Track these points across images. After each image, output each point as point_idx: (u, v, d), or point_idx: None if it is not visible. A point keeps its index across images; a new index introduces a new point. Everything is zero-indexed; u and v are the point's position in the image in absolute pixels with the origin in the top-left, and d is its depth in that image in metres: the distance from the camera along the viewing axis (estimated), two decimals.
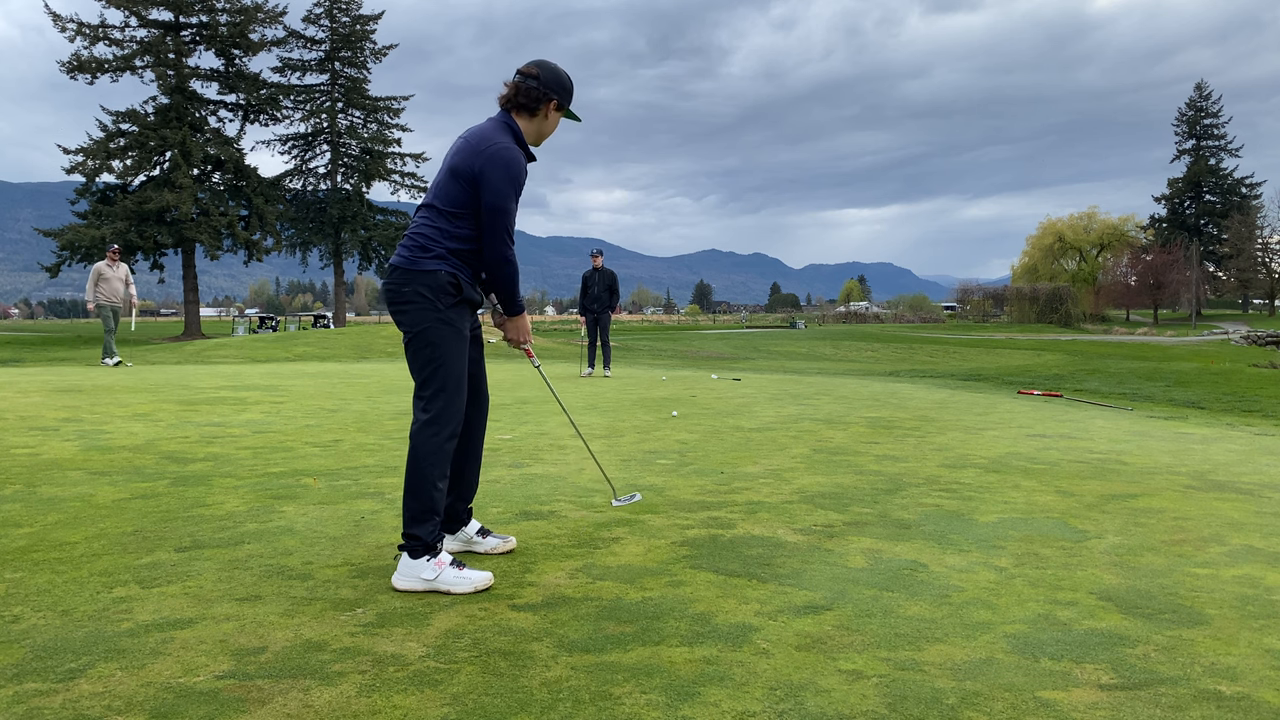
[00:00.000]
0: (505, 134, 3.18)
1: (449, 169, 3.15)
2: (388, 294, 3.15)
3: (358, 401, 8.91)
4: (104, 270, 14.41)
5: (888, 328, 54.28)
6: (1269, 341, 40.45)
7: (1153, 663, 2.43)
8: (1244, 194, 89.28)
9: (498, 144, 3.13)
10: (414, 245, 3.13)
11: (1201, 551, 3.57)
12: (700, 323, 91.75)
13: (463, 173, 3.11)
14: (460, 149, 3.16)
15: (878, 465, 5.46)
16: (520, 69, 3.28)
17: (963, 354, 27.72)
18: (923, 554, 3.47)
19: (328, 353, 19.89)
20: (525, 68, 3.27)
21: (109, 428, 6.67)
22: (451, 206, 3.12)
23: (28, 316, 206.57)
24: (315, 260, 50.08)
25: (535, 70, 3.26)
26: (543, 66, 3.28)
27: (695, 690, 2.22)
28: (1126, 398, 11.09)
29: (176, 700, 2.14)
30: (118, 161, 37.53)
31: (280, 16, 41.04)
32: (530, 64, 3.28)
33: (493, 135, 3.16)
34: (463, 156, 3.13)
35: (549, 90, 3.25)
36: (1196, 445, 6.69)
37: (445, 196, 3.13)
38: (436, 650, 2.47)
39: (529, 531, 3.76)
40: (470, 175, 3.10)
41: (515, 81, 3.25)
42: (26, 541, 3.53)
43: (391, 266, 3.17)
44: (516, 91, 3.23)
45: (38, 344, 30.83)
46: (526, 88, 3.23)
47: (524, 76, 3.24)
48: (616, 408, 8.61)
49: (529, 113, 3.25)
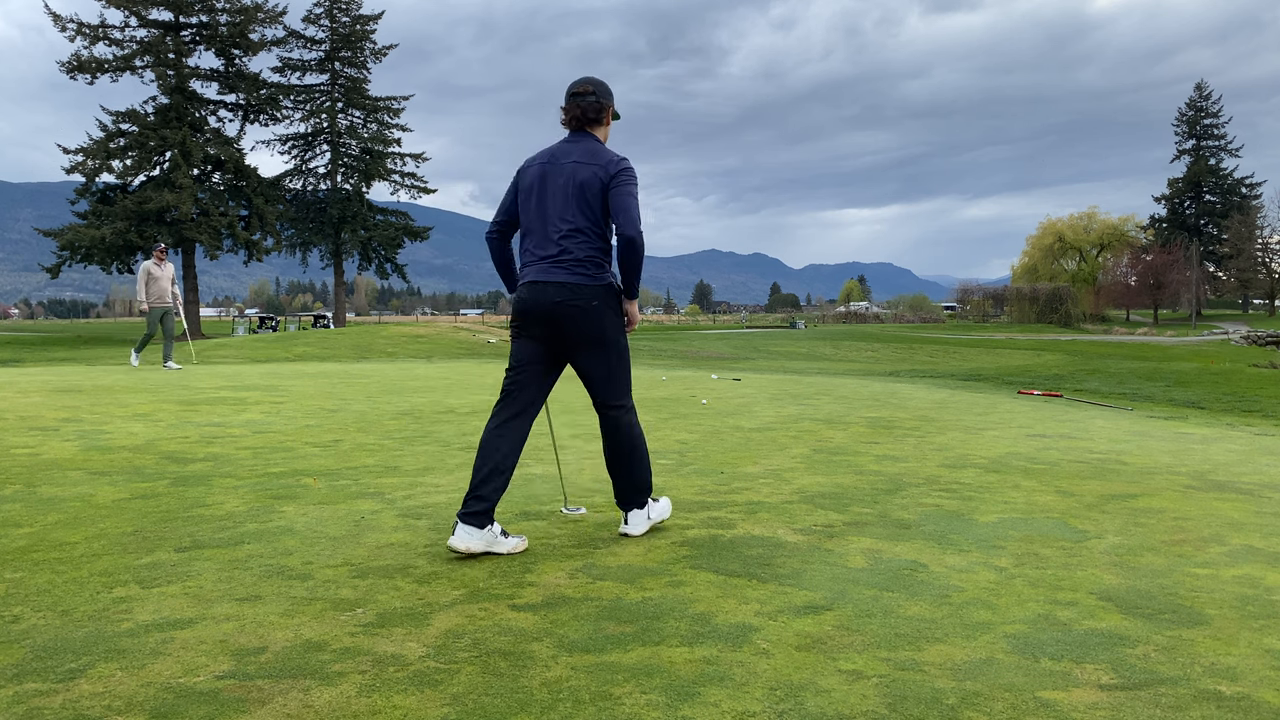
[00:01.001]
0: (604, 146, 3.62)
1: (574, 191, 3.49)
2: (564, 307, 3.45)
3: (358, 402, 8.91)
4: (152, 270, 13.88)
5: (888, 328, 54.28)
6: (1269, 341, 40.46)
7: (1153, 663, 2.43)
8: (1244, 194, 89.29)
9: (613, 156, 3.55)
10: (582, 261, 3.48)
11: (1201, 551, 3.57)
12: (700, 323, 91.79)
13: (594, 188, 3.48)
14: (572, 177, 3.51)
15: (878, 465, 5.46)
16: (573, 91, 3.62)
17: (963, 354, 27.73)
18: (923, 554, 3.47)
19: (328, 353, 19.89)
20: (579, 87, 3.62)
21: (109, 428, 6.67)
22: (591, 220, 3.50)
23: (28, 316, 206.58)
24: (315, 260, 50.10)
25: (590, 88, 3.61)
26: (592, 82, 3.64)
27: (695, 690, 2.22)
28: (1126, 398, 11.09)
29: (176, 700, 2.14)
30: (118, 161, 37.55)
31: (280, 16, 41.07)
32: (580, 83, 3.63)
33: (601, 150, 3.57)
34: (587, 174, 3.49)
35: (606, 100, 3.64)
36: (1196, 445, 6.70)
37: (585, 214, 3.49)
38: (436, 650, 2.47)
39: (529, 531, 3.76)
40: (601, 188, 3.49)
41: (577, 104, 3.60)
42: (26, 541, 3.53)
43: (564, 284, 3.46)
44: (583, 111, 3.60)
45: (38, 344, 30.84)
46: (590, 104, 3.60)
47: (582, 95, 3.60)
48: None
49: (597, 124, 3.64)
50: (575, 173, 3.50)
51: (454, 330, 27.22)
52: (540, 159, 3.61)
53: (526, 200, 3.60)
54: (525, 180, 3.61)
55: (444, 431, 6.76)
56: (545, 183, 3.55)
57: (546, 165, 3.57)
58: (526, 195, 3.60)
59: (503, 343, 24.51)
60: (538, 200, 3.55)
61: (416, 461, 5.43)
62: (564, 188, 3.50)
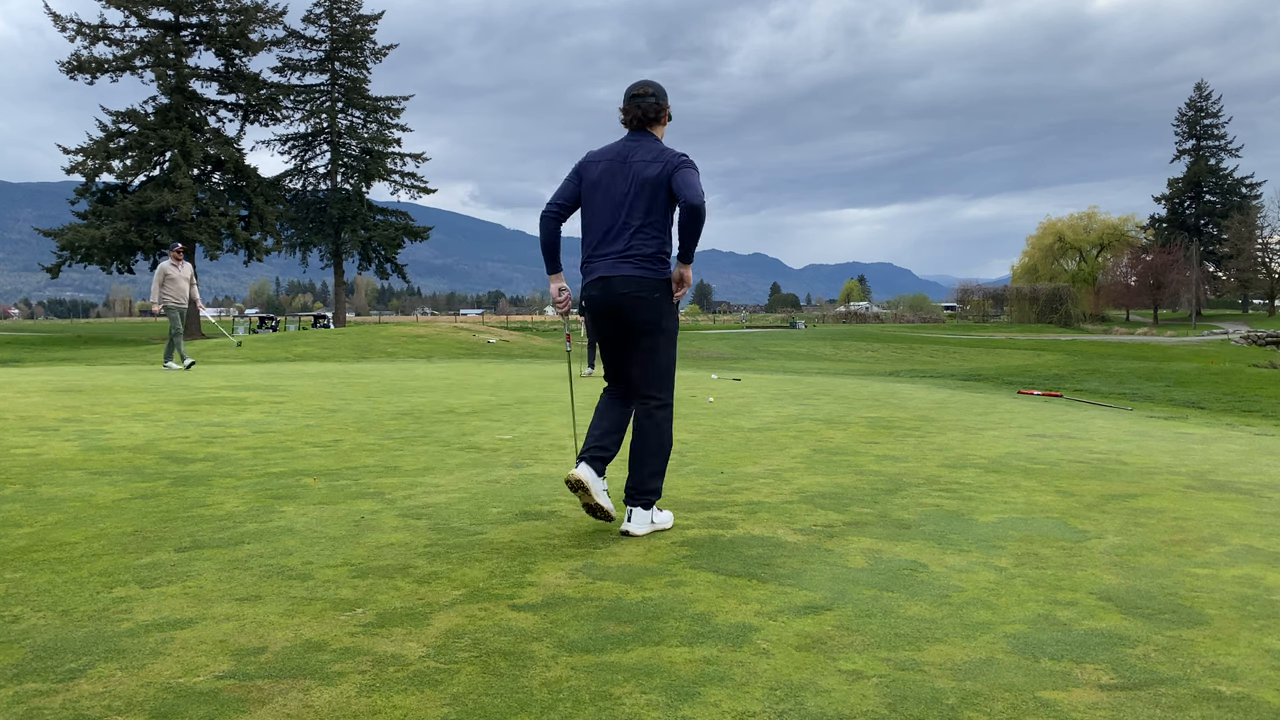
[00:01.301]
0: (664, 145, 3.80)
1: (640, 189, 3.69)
2: (628, 299, 3.69)
3: (358, 401, 8.91)
4: (169, 270, 13.59)
5: (888, 328, 54.28)
6: (1269, 341, 40.45)
7: (1153, 663, 2.43)
8: (1244, 194, 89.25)
9: (675, 151, 3.74)
10: (648, 257, 3.70)
11: (1201, 551, 3.57)
12: (700, 323, 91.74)
13: (660, 183, 3.68)
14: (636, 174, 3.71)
15: (878, 465, 5.46)
16: (632, 93, 3.81)
17: (963, 354, 27.73)
18: (923, 554, 3.47)
19: (328, 353, 19.90)
20: (638, 90, 3.81)
21: (109, 428, 6.67)
22: (657, 216, 3.72)
23: (28, 316, 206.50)
24: (315, 260, 50.10)
25: (649, 90, 3.81)
26: (651, 85, 3.83)
27: (695, 690, 2.22)
28: (1126, 398, 11.09)
29: (176, 700, 2.14)
30: (118, 161, 37.57)
31: (280, 16, 41.08)
32: (639, 85, 3.82)
33: (664, 148, 3.76)
34: (655, 171, 3.68)
35: (663, 101, 3.84)
36: (1196, 445, 6.70)
37: (652, 211, 3.70)
38: (436, 650, 2.47)
39: (529, 531, 3.76)
40: (663, 182, 3.68)
41: (637, 105, 3.79)
42: (26, 541, 3.53)
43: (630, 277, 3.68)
44: (644, 112, 3.79)
45: (38, 344, 30.86)
46: (650, 105, 3.80)
47: (642, 97, 3.79)
48: None
49: (656, 124, 3.83)
50: (641, 170, 3.71)
51: (454, 330, 27.22)
52: (606, 155, 3.81)
53: (592, 194, 3.79)
54: (591, 175, 3.80)
55: (444, 431, 6.76)
56: (613, 179, 3.75)
57: (613, 162, 3.77)
58: (592, 190, 3.79)
59: (502, 342, 24.51)
60: (604, 195, 3.76)
61: (416, 461, 5.43)
62: (631, 185, 3.71)
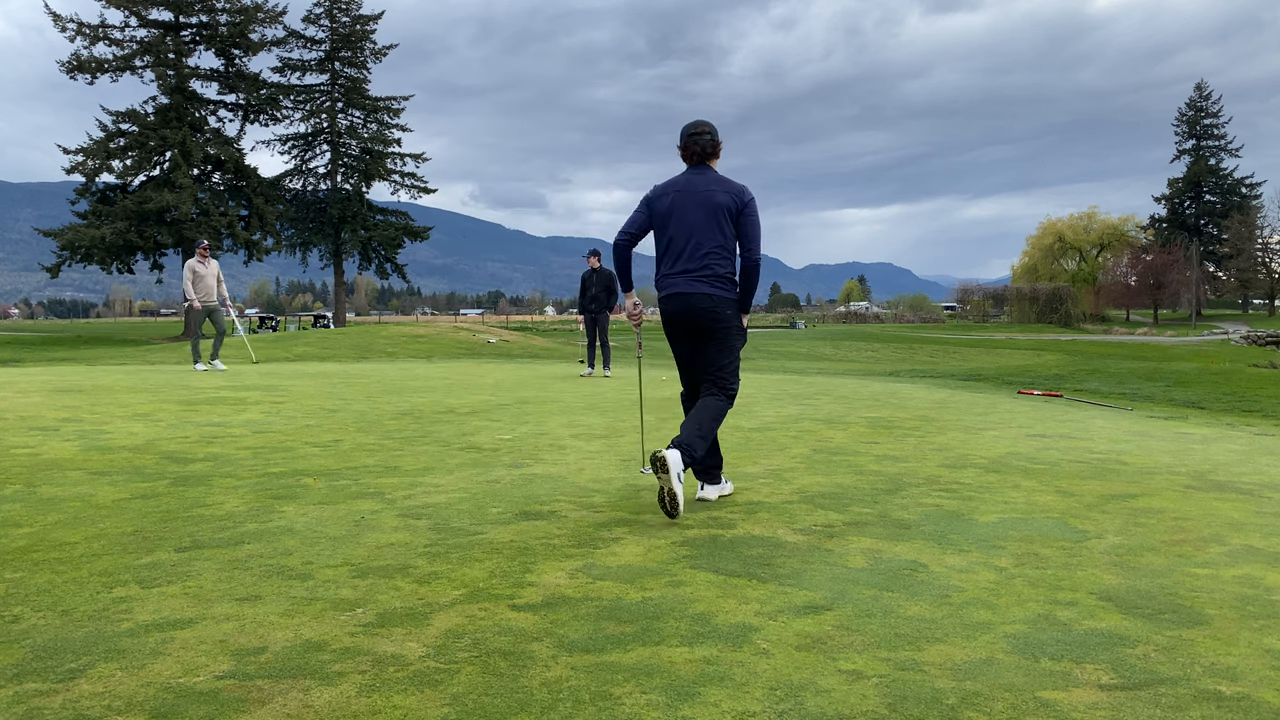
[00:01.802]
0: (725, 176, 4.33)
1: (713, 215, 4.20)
2: (705, 312, 4.23)
3: (358, 402, 8.91)
4: (197, 268, 13.32)
5: (888, 328, 54.28)
6: (1269, 341, 40.45)
7: (1153, 663, 2.43)
8: (1244, 194, 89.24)
9: (739, 185, 4.28)
10: (721, 277, 4.24)
11: (1201, 551, 3.57)
12: None
13: (730, 214, 4.23)
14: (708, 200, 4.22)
15: (878, 465, 5.46)
16: (691, 133, 4.32)
17: (963, 354, 27.73)
18: (923, 554, 3.47)
19: (328, 353, 19.89)
20: (695, 129, 4.32)
21: (109, 428, 6.67)
22: (727, 243, 4.25)
23: (28, 316, 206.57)
24: (315, 260, 50.09)
25: (706, 129, 4.33)
26: (706, 124, 4.36)
27: (695, 690, 2.22)
28: (1126, 398, 11.09)
29: (176, 700, 2.14)
30: (118, 161, 37.56)
31: (280, 16, 41.07)
32: (696, 125, 4.33)
33: (727, 179, 4.30)
34: (725, 199, 4.22)
35: (718, 138, 4.37)
36: (1196, 445, 6.70)
37: (720, 235, 4.23)
38: (436, 650, 2.47)
39: (529, 531, 3.76)
40: (734, 212, 4.23)
41: (696, 142, 4.30)
42: (26, 541, 3.53)
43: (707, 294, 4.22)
44: (702, 148, 4.32)
45: (38, 344, 30.86)
46: (707, 142, 4.32)
47: (700, 135, 4.31)
48: (616, 408, 8.61)
49: (713, 157, 4.38)
50: (711, 198, 4.22)
51: (454, 330, 27.22)
52: (673, 187, 4.32)
53: (665, 221, 4.29)
54: (662, 205, 4.30)
55: (444, 431, 6.76)
56: (685, 208, 4.24)
57: (681, 194, 4.27)
58: (665, 217, 4.29)
59: (502, 342, 24.51)
60: (678, 222, 4.25)
61: (416, 461, 5.43)
62: (703, 212, 4.21)
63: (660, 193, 4.34)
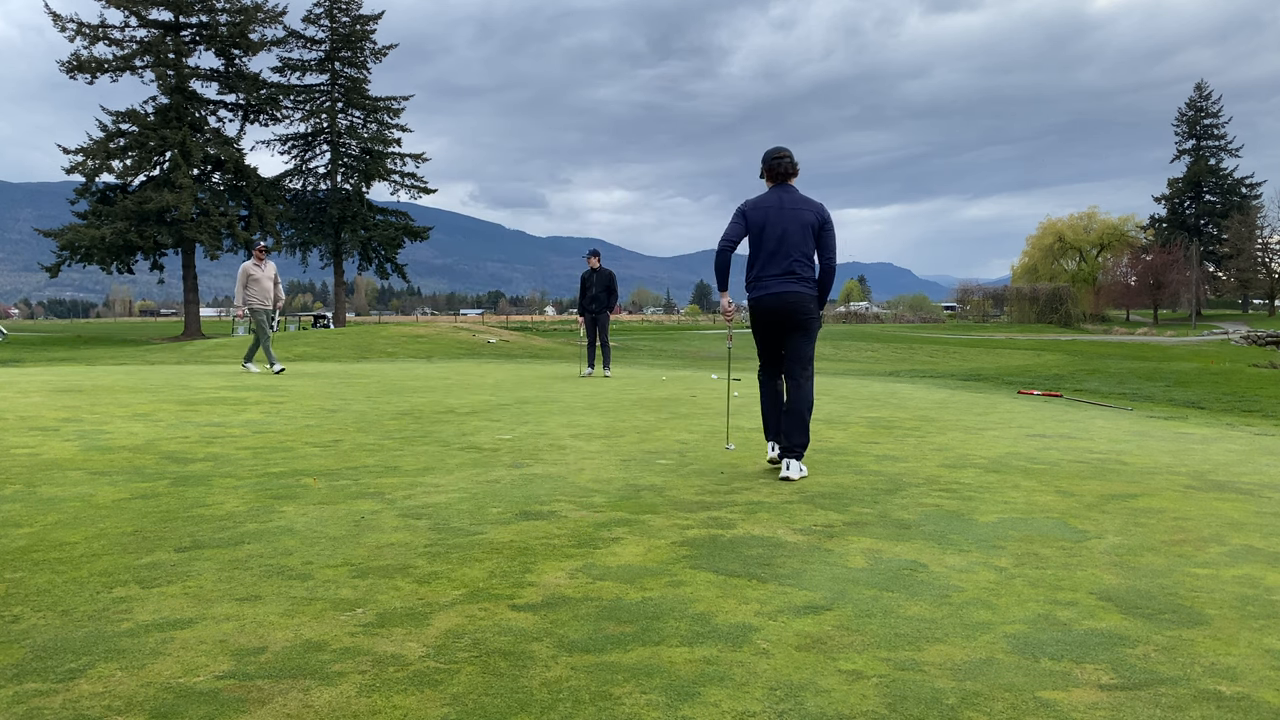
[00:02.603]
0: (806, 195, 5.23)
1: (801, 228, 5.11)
2: (796, 307, 5.11)
3: (358, 402, 8.91)
4: (252, 270, 12.87)
5: (888, 328, 54.27)
6: (1269, 341, 40.44)
7: (1153, 663, 2.43)
8: (1244, 194, 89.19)
9: (820, 204, 5.20)
10: (805, 279, 5.14)
11: (1201, 551, 3.57)
12: (700, 323, 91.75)
13: (814, 226, 5.14)
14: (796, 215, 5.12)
15: (878, 465, 5.46)
16: (773, 157, 5.19)
17: (963, 354, 27.71)
18: (923, 554, 3.47)
19: (328, 353, 19.89)
20: (777, 154, 5.19)
21: (109, 428, 6.67)
22: (810, 251, 5.16)
23: (28, 316, 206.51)
24: (315, 260, 50.08)
25: (785, 153, 5.21)
26: (785, 149, 5.24)
27: (695, 690, 2.22)
28: (1126, 398, 11.09)
29: (176, 700, 2.14)
30: (118, 161, 37.55)
31: (280, 16, 41.06)
32: (777, 150, 5.21)
33: (813, 200, 5.19)
34: (810, 216, 5.13)
35: (794, 159, 5.24)
36: (1196, 445, 6.69)
37: (807, 245, 5.13)
38: (436, 650, 2.47)
39: (529, 531, 3.76)
40: (817, 228, 5.14)
41: (779, 164, 5.19)
42: (26, 541, 3.53)
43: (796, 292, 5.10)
44: (785, 170, 5.20)
45: (38, 344, 30.86)
46: (789, 164, 5.21)
47: (781, 159, 5.19)
48: (616, 408, 8.61)
49: (794, 177, 5.26)
50: (800, 215, 5.12)
51: (454, 330, 27.22)
52: (765, 203, 5.16)
53: (760, 232, 5.12)
54: (757, 217, 5.14)
55: (444, 431, 6.76)
56: (777, 221, 5.10)
57: (772, 209, 5.13)
58: (760, 228, 5.12)
59: (502, 342, 24.51)
60: (771, 232, 5.09)
61: (416, 461, 5.43)
62: (795, 224, 5.09)
63: (754, 206, 5.17)
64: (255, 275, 12.92)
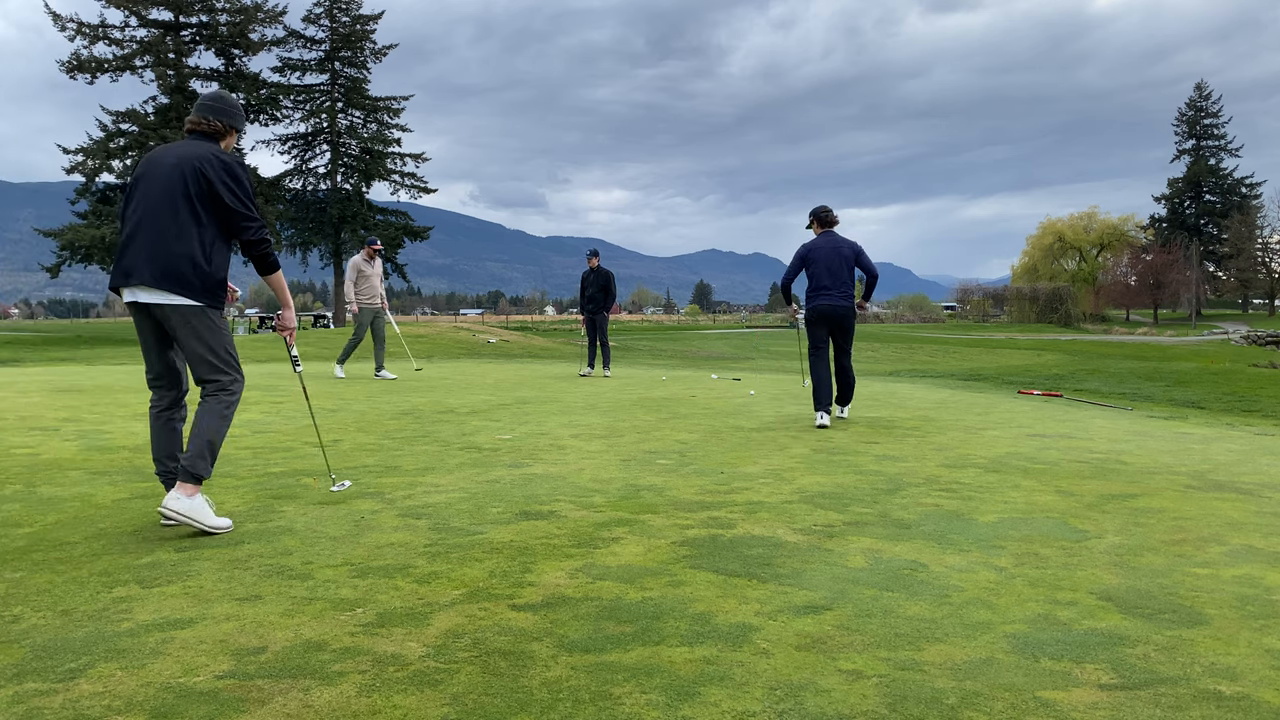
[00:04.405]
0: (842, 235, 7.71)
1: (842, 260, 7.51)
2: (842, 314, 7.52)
3: (358, 401, 8.91)
4: (363, 267, 11.97)
5: (888, 327, 54.25)
6: (1269, 341, 40.43)
7: (1153, 663, 2.43)
8: (1244, 194, 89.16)
9: (853, 241, 7.61)
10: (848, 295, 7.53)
11: (1201, 551, 3.57)
12: (700, 322, 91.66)
13: (853, 260, 7.54)
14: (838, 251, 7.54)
15: (878, 465, 5.46)
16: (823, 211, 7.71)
17: (963, 354, 27.70)
18: (923, 554, 3.47)
19: (328, 353, 19.89)
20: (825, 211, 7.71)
21: (109, 428, 6.67)
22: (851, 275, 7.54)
23: (28, 316, 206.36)
24: (315, 260, 50.07)
25: (829, 208, 7.71)
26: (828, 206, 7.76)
27: (695, 690, 2.22)
28: (1126, 398, 11.09)
29: (176, 700, 2.14)
30: (118, 161, 37.53)
31: (280, 16, 41.04)
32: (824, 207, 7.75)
33: (850, 240, 7.60)
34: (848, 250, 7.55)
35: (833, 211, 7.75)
36: (1196, 445, 6.70)
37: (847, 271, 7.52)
38: (436, 650, 2.47)
39: (529, 531, 3.76)
40: (856, 258, 7.56)
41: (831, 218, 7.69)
42: (26, 541, 3.53)
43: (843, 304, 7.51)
44: (832, 221, 7.69)
45: (38, 344, 30.83)
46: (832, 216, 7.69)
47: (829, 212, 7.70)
48: (616, 408, 8.62)
49: (837, 224, 7.74)
50: (841, 250, 7.51)
51: (454, 330, 27.21)
52: (819, 244, 7.56)
53: (815, 264, 7.48)
54: (813, 256, 7.51)
55: (444, 431, 6.76)
56: (829, 258, 7.46)
57: (824, 248, 7.50)
58: (815, 262, 7.49)
59: (502, 342, 24.50)
60: (824, 264, 7.45)
61: (416, 461, 5.43)
62: (838, 258, 7.47)
63: (811, 248, 7.55)
64: (366, 272, 12.01)
